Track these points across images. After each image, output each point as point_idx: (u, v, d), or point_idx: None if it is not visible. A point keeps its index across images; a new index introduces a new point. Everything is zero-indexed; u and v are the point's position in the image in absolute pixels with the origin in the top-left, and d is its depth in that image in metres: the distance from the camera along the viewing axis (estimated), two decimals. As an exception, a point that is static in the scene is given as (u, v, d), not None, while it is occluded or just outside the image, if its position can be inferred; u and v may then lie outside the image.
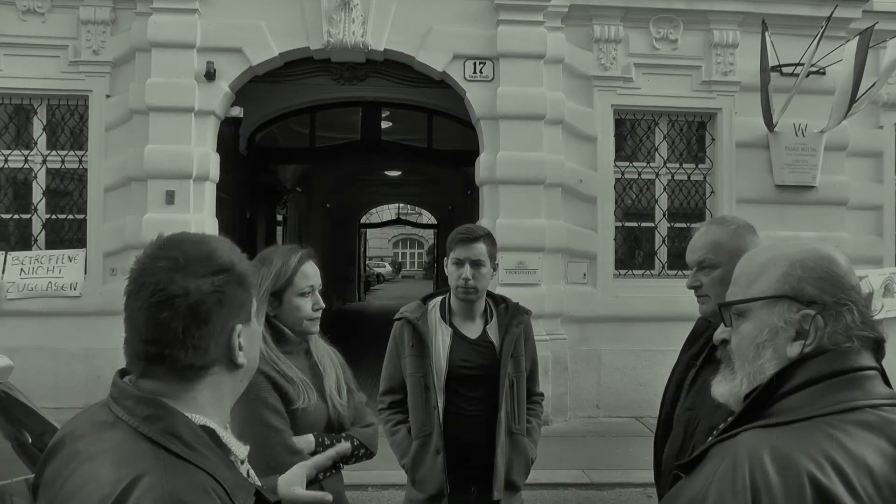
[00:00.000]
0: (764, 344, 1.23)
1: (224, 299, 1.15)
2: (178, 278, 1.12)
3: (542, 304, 7.28)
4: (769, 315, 1.23)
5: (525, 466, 2.93)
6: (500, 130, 7.65)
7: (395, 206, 30.89)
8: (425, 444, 2.85)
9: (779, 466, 1.04)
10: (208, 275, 1.14)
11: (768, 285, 1.24)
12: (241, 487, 1.13)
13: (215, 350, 1.16)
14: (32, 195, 7.77)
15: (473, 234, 2.90)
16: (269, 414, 2.16)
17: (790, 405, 1.16)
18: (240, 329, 1.19)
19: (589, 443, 7.02)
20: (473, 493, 2.85)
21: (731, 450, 1.11)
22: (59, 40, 7.53)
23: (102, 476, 1.03)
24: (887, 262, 8.35)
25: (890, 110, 8.47)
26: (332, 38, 7.48)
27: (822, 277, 1.22)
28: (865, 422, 1.11)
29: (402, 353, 2.94)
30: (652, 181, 8.31)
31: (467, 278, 2.83)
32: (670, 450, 2.23)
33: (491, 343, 2.91)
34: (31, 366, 6.19)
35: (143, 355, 1.14)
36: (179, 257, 1.14)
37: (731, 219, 2.36)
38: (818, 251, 1.26)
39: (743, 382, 1.25)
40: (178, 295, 1.11)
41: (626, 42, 7.97)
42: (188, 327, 1.12)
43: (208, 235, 1.25)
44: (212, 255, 1.17)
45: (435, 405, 2.83)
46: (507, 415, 2.85)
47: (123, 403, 1.13)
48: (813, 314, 1.19)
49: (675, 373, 2.36)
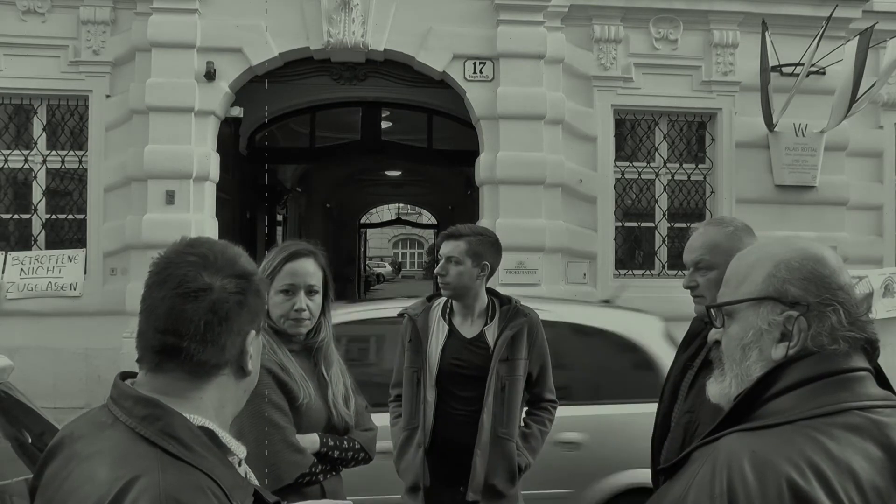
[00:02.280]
0: (749, 345, 1.22)
1: (244, 302, 1.17)
2: (204, 274, 1.14)
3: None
4: (754, 316, 1.22)
5: (509, 472, 2.87)
6: (500, 130, 7.65)
7: (395, 207, 30.88)
8: (410, 436, 2.89)
9: (757, 471, 1.03)
10: (232, 276, 1.17)
11: (754, 286, 1.23)
12: (239, 487, 1.13)
13: (230, 351, 1.17)
14: (32, 195, 7.77)
15: (455, 232, 2.94)
16: (271, 410, 2.14)
17: (775, 408, 1.14)
18: (253, 336, 1.20)
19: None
20: (462, 492, 2.85)
21: (712, 454, 1.09)
22: (59, 40, 7.53)
23: (99, 476, 1.03)
24: (887, 262, 8.36)
25: (890, 110, 8.47)
26: (332, 38, 7.48)
27: (807, 278, 1.20)
28: (852, 424, 1.09)
29: (404, 347, 3.00)
30: (652, 181, 8.31)
31: (441, 273, 2.88)
32: (668, 452, 2.21)
33: (487, 344, 2.90)
34: (30, 366, 6.18)
35: (160, 347, 1.14)
36: (208, 255, 1.17)
37: (729, 220, 2.35)
38: (805, 251, 1.24)
39: (732, 384, 1.24)
40: (203, 289, 1.13)
41: (626, 42, 7.97)
42: (210, 322, 1.13)
43: (230, 243, 1.28)
44: (237, 259, 1.20)
45: (423, 400, 2.86)
46: (493, 417, 2.82)
47: (122, 404, 1.13)
48: (796, 315, 1.18)
49: (671, 374, 2.36)
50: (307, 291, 2.30)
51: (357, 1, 7.46)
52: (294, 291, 2.28)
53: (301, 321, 2.29)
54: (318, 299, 2.34)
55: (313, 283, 2.32)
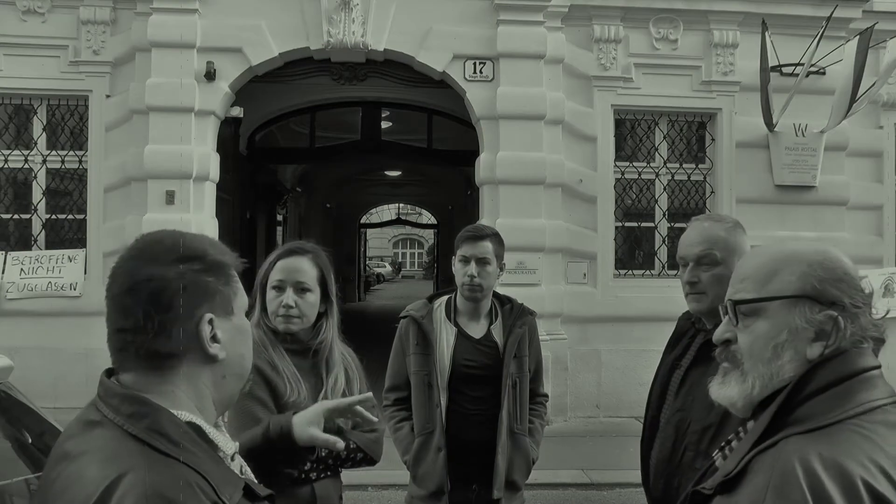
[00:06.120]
0: (783, 345, 1.20)
1: (189, 286, 1.16)
2: (142, 267, 1.15)
3: (542, 305, 7.27)
4: (789, 315, 1.21)
5: (526, 466, 2.95)
6: (500, 130, 7.65)
7: (395, 206, 30.89)
8: (427, 441, 2.87)
9: (832, 475, 1.03)
10: (174, 263, 1.16)
11: (788, 284, 1.22)
12: (227, 482, 1.12)
13: (182, 337, 1.15)
14: (32, 195, 7.77)
15: (481, 232, 2.93)
16: (253, 404, 2.14)
17: (815, 409, 1.14)
18: (210, 318, 1.17)
19: (589, 442, 7.02)
20: (475, 490, 2.87)
21: (777, 462, 1.08)
22: (59, 40, 7.53)
23: (88, 475, 1.03)
24: (887, 262, 8.35)
25: (890, 110, 8.47)
26: (332, 38, 7.48)
27: (841, 279, 1.21)
28: (890, 422, 1.10)
29: (407, 350, 2.96)
30: (652, 181, 8.31)
31: (472, 275, 2.85)
32: (661, 452, 2.20)
33: (495, 343, 2.92)
34: (30, 366, 6.19)
35: (116, 345, 1.17)
36: (146, 248, 1.19)
37: (723, 216, 2.33)
38: (830, 252, 1.25)
39: (755, 385, 1.22)
40: (141, 281, 1.14)
41: (626, 42, 7.97)
42: (147, 311, 1.13)
43: (184, 231, 1.26)
44: (179, 245, 1.20)
45: (438, 403, 2.85)
46: (508, 415, 2.86)
47: (109, 402, 1.13)
48: (835, 315, 1.18)
49: (658, 375, 2.33)
50: (297, 289, 2.28)
51: (357, 1, 7.45)
52: (283, 288, 2.28)
53: (289, 318, 2.27)
54: (310, 298, 2.30)
55: (303, 281, 2.29)
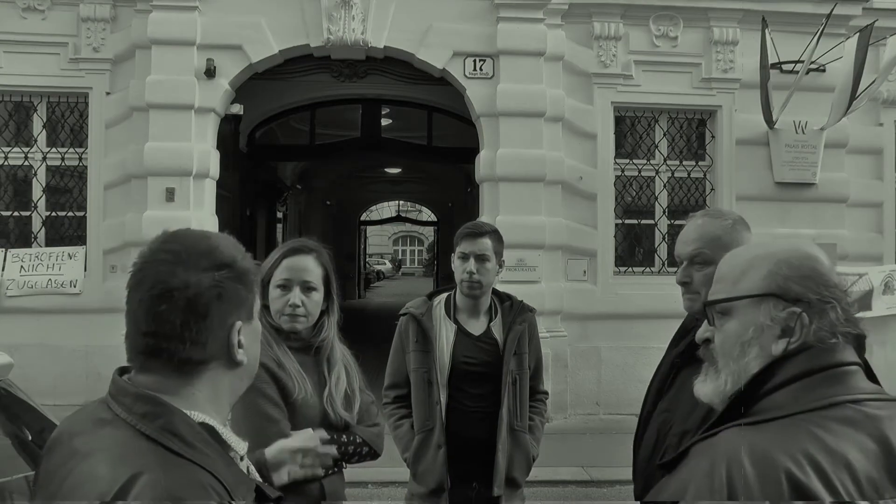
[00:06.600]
0: (750, 342, 1.23)
1: (224, 294, 1.15)
2: (178, 271, 1.12)
3: (542, 302, 7.27)
4: (755, 313, 1.23)
5: (526, 463, 2.95)
6: (500, 127, 7.65)
7: (395, 204, 30.86)
8: (427, 438, 2.87)
9: (756, 464, 1.05)
10: (209, 269, 1.14)
11: (754, 283, 1.24)
12: (241, 483, 1.13)
13: (213, 345, 1.15)
14: (32, 192, 7.77)
15: (480, 229, 2.93)
16: (266, 404, 2.14)
17: (773, 403, 1.16)
18: (239, 326, 1.18)
19: (588, 440, 7.03)
20: (475, 488, 2.87)
21: (711, 448, 1.11)
22: (59, 37, 7.52)
23: (100, 474, 1.03)
24: (887, 259, 8.36)
25: (890, 107, 8.46)
26: (332, 36, 7.47)
27: (808, 276, 1.22)
28: (847, 418, 1.11)
29: (407, 348, 2.96)
30: (652, 178, 8.31)
31: (471, 272, 2.85)
32: (643, 451, 2.16)
33: (495, 340, 2.93)
34: (31, 363, 6.19)
35: (143, 349, 1.14)
36: (181, 251, 1.14)
37: (726, 212, 2.25)
38: (802, 250, 1.27)
39: (728, 381, 1.25)
40: (177, 288, 1.11)
41: (626, 39, 7.96)
42: (186, 321, 1.12)
43: (211, 232, 1.25)
44: (213, 250, 1.17)
45: (437, 400, 2.85)
46: (508, 412, 2.87)
47: (122, 401, 1.12)
48: (798, 312, 1.20)
49: (658, 371, 2.28)
50: (303, 288, 2.29)
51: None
52: (290, 287, 2.28)
53: (295, 317, 2.28)
54: (315, 296, 2.32)
55: (310, 280, 2.30)
